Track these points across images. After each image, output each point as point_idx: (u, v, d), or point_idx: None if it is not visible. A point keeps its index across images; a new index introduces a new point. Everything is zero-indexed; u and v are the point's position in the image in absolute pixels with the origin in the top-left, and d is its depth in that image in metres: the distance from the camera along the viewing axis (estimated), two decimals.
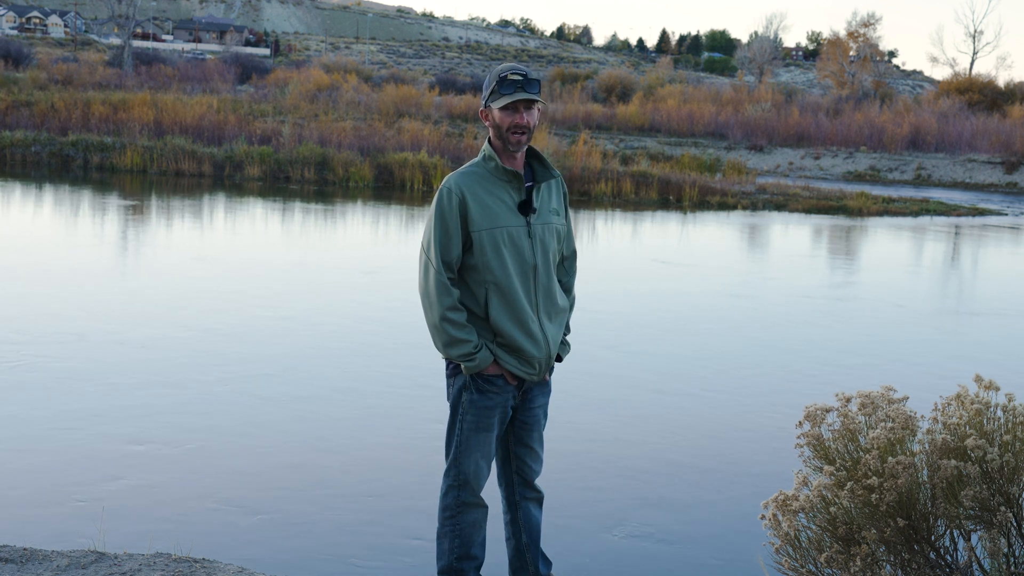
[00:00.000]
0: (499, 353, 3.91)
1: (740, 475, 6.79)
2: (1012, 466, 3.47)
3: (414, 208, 21.34)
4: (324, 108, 35.90)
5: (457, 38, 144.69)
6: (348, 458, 6.73)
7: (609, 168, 26.27)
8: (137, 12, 56.66)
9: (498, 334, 3.90)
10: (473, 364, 3.86)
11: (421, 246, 3.93)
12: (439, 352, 3.94)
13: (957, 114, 44.47)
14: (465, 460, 3.96)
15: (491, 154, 3.92)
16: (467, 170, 3.94)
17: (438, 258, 3.83)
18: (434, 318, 3.85)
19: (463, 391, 3.94)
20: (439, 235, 3.84)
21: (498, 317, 3.88)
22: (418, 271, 3.93)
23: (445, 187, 3.88)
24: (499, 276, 3.87)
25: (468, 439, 3.95)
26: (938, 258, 19.19)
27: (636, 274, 14.72)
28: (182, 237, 15.90)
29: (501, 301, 3.89)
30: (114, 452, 6.58)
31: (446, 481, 4.02)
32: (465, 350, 3.84)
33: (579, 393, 8.21)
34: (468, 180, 3.89)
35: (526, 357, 3.93)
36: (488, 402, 3.93)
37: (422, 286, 3.89)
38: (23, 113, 28.18)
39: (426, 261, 3.87)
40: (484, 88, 3.92)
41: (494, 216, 3.87)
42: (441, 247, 3.84)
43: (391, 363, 9.02)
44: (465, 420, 3.95)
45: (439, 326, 3.84)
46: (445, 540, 4.04)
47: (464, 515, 4.01)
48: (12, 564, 4.38)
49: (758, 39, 74.50)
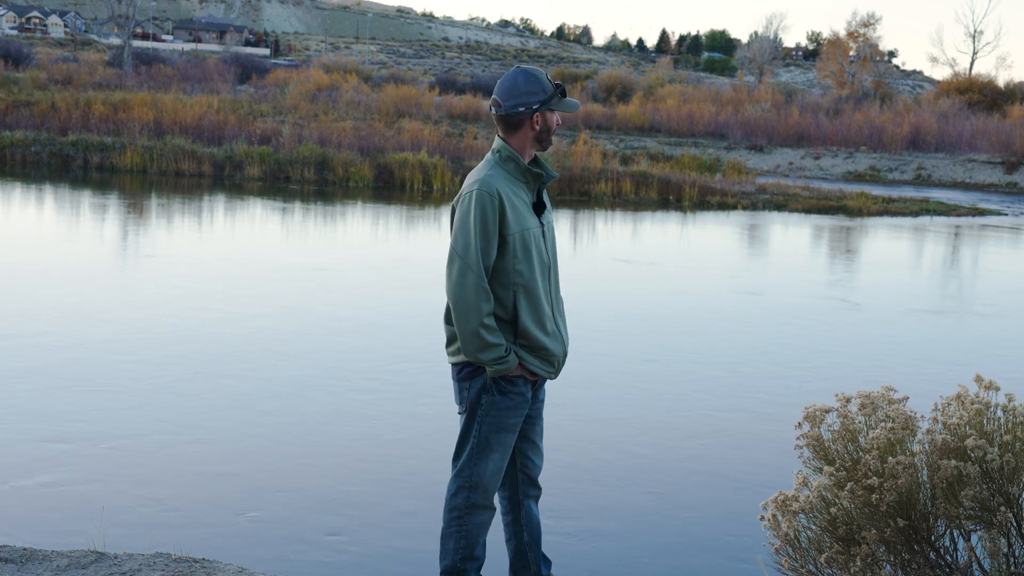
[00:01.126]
0: (522, 354, 3.93)
1: (739, 475, 6.79)
2: (1012, 466, 3.47)
3: (414, 208, 21.34)
4: (324, 108, 35.90)
5: (457, 38, 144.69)
6: (348, 458, 6.74)
7: (609, 168, 26.27)
8: (137, 12, 56.66)
9: (521, 335, 3.91)
10: (504, 367, 3.86)
11: (454, 251, 3.82)
12: (467, 357, 3.86)
13: (957, 114, 44.46)
14: (482, 462, 3.95)
15: (511, 154, 3.93)
16: (492, 172, 3.90)
17: (479, 263, 3.78)
18: (472, 325, 3.79)
19: (482, 394, 3.93)
20: (480, 239, 3.79)
21: (525, 319, 3.90)
22: (451, 276, 3.82)
23: (484, 190, 3.82)
24: (527, 278, 3.89)
25: (488, 440, 3.94)
26: (938, 258, 19.19)
27: (636, 274, 14.72)
28: (181, 237, 15.89)
29: (528, 303, 3.90)
30: (114, 452, 6.58)
31: (456, 482, 4.01)
32: (498, 354, 3.83)
33: (577, 393, 8.20)
34: (500, 183, 3.87)
35: (548, 356, 3.97)
36: (509, 403, 3.94)
37: (457, 292, 3.80)
38: (23, 113, 28.18)
39: (462, 266, 3.79)
40: (535, 93, 3.90)
41: (522, 218, 3.90)
42: (483, 252, 3.80)
43: (392, 362, 9.01)
44: (485, 422, 3.93)
45: (476, 332, 3.79)
46: (451, 540, 4.03)
47: (473, 516, 4.00)
48: (12, 564, 4.38)
49: (758, 39, 74.50)
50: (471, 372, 3.94)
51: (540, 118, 3.94)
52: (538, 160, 4.07)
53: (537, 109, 3.92)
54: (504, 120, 3.94)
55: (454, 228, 3.89)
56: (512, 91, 3.92)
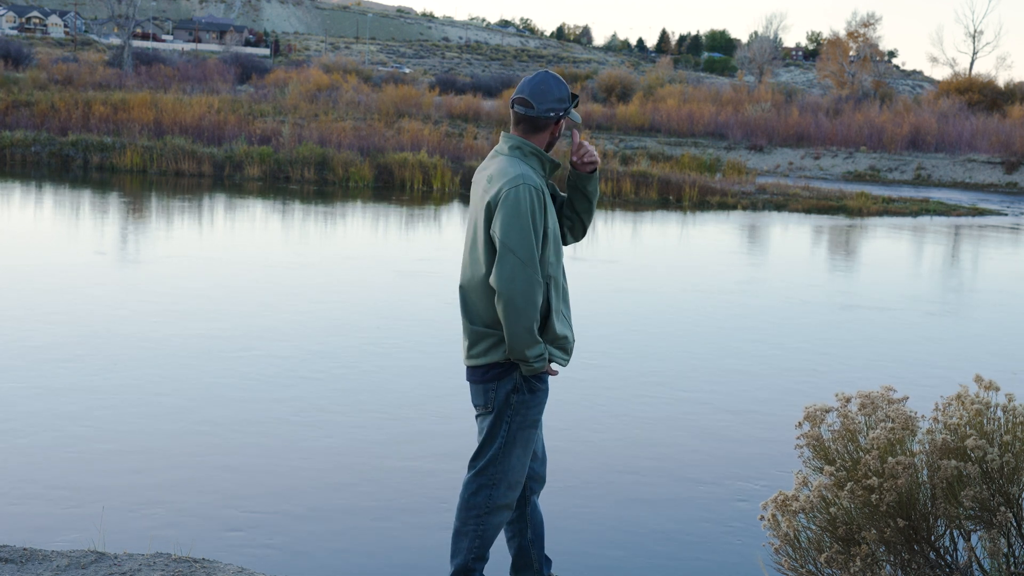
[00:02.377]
0: (550, 349, 3.95)
1: (739, 475, 6.79)
2: (1012, 466, 3.47)
3: (414, 208, 21.34)
4: (324, 108, 35.89)
5: (457, 38, 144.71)
6: (349, 459, 6.73)
7: (609, 168, 26.27)
8: (137, 12, 56.65)
9: (548, 329, 3.91)
10: (542, 364, 3.87)
11: (507, 248, 3.74)
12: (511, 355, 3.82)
13: (957, 114, 44.45)
14: (508, 460, 3.95)
15: (535, 149, 3.95)
16: (526, 169, 3.89)
17: (535, 257, 3.77)
18: (527, 323, 3.77)
19: (512, 394, 3.92)
20: (531, 236, 3.77)
21: (554, 312, 3.92)
22: (503, 272, 3.74)
23: (530, 186, 3.80)
24: (555, 271, 3.93)
25: (515, 438, 3.94)
26: (938, 258, 19.19)
27: (637, 274, 14.72)
28: (181, 236, 15.90)
29: (556, 295, 3.93)
30: (114, 452, 6.58)
31: (478, 480, 3.98)
32: (541, 350, 3.85)
33: (576, 392, 8.20)
34: (538, 179, 3.90)
35: (565, 344, 4.00)
36: (537, 400, 3.97)
37: (512, 290, 3.74)
38: (23, 113, 28.17)
39: (518, 264, 3.74)
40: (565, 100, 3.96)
41: (552, 213, 3.94)
42: (534, 248, 3.79)
43: (394, 364, 9.02)
44: (514, 421, 3.93)
45: (530, 330, 3.79)
46: (465, 539, 4.01)
47: (492, 516, 3.99)
48: (12, 564, 4.38)
49: (758, 39, 74.49)
50: (500, 373, 3.90)
51: (559, 125, 4.01)
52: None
53: (563, 116, 3.98)
54: (531, 121, 3.94)
55: (502, 224, 3.76)
56: (546, 95, 3.93)
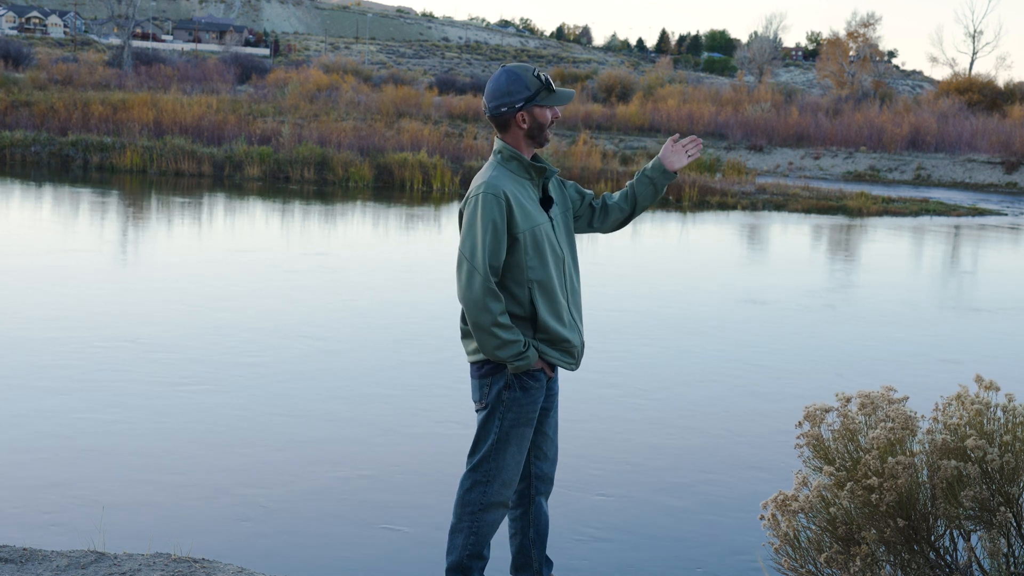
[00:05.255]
0: (542, 348, 3.97)
1: (740, 475, 6.79)
2: (1012, 466, 3.47)
3: (414, 207, 21.34)
4: (324, 108, 35.89)
5: (457, 38, 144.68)
6: (349, 458, 6.73)
7: (609, 168, 26.27)
8: (137, 12, 56.64)
9: (541, 330, 3.95)
10: (524, 363, 3.90)
11: (462, 254, 3.87)
12: (485, 355, 3.91)
13: (957, 114, 44.43)
14: (501, 456, 3.98)
15: (513, 153, 3.96)
16: (497, 173, 3.93)
17: (485, 265, 3.82)
18: (484, 324, 3.83)
19: (503, 391, 3.96)
20: (488, 241, 3.83)
21: (543, 313, 3.94)
22: (460, 279, 3.87)
23: (490, 193, 3.85)
24: (541, 274, 3.93)
25: (508, 435, 3.97)
26: (938, 258, 19.19)
27: (636, 274, 14.73)
28: (180, 236, 15.90)
29: (544, 297, 3.95)
30: (114, 452, 6.58)
31: (472, 477, 4.01)
32: (516, 350, 3.87)
33: (575, 392, 8.20)
34: (505, 183, 3.90)
35: (568, 348, 4.02)
36: (529, 398, 3.98)
37: (467, 294, 3.85)
38: (23, 113, 28.16)
39: (470, 269, 3.84)
40: (517, 92, 3.91)
41: (530, 216, 3.93)
42: (491, 253, 3.83)
43: (395, 364, 9.02)
44: (506, 418, 3.96)
45: (491, 331, 3.84)
46: (460, 536, 4.03)
47: (486, 513, 4.01)
48: (12, 564, 4.38)
49: (758, 39, 74.48)
50: (491, 370, 3.96)
51: (527, 116, 3.95)
52: (538, 158, 4.08)
53: (521, 107, 3.93)
54: (493, 121, 3.99)
55: (462, 231, 3.92)
56: (495, 92, 3.95)
